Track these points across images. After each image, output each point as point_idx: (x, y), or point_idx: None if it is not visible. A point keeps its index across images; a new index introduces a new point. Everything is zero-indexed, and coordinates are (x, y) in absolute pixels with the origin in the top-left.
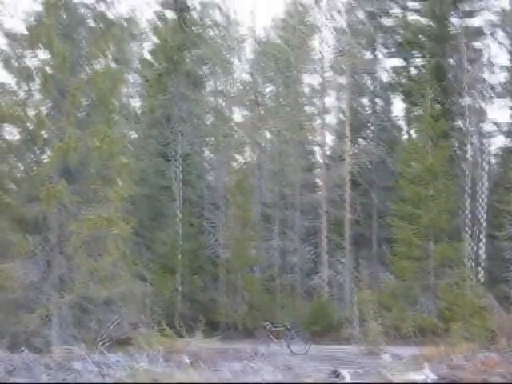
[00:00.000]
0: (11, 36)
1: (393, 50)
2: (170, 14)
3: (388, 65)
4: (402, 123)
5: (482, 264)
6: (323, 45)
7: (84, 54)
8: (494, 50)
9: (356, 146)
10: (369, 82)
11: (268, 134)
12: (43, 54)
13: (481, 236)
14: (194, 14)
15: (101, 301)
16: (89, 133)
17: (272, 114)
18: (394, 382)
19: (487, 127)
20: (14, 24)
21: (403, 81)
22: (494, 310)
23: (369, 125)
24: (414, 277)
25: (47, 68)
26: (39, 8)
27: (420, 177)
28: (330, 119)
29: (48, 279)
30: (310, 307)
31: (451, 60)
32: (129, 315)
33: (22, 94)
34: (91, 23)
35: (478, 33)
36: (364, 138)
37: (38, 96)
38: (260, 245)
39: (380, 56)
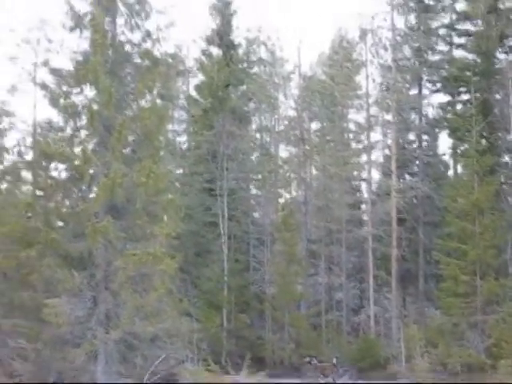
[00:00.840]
0: (58, 73)
1: (439, 85)
2: (216, 51)
3: (434, 100)
4: (448, 158)
5: None
6: (369, 81)
7: (130, 91)
8: None
9: (402, 181)
10: (415, 117)
11: (314, 170)
12: (89, 91)
13: None
14: (240, 51)
15: (147, 337)
16: (135, 169)
17: (318, 149)
18: None
19: None
20: (61, 61)
21: (449, 116)
22: None
23: (415, 160)
24: (460, 313)
25: (93, 105)
26: (86, 45)
27: (466, 212)
28: (376, 155)
29: (94, 315)
30: (357, 343)
31: (497, 95)
32: (175, 351)
33: (68, 131)
34: (137, 60)
35: None
36: (410, 174)
37: (84, 133)
38: (306, 281)
39: (426, 92)
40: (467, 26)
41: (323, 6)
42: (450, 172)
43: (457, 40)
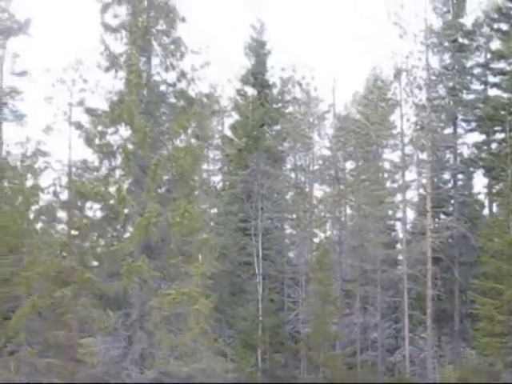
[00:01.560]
0: (93, 113)
1: (473, 124)
2: (251, 91)
3: (469, 139)
4: (483, 198)
5: None
6: (403, 120)
7: (165, 131)
8: None
9: (437, 221)
10: (450, 156)
11: (348, 210)
12: (125, 131)
13: None
14: (274, 90)
15: (181, 377)
16: (169, 208)
17: (352, 189)
18: None
19: None
20: (96, 101)
21: (484, 155)
22: None
23: (450, 200)
24: (496, 353)
25: (128, 144)
26: (121, 85)
27: (502, 251)
28: (411, 194)
29: (129, 354)
30: None
31: None
32: None
33: (103, 171)
34: (172, 100)
35: None
36: (445, 213)
37: (119, 172)
38: (341, 320)
39: (461, 131)
40: (502, 64)
41: (358, 45)
42: (486, 211)
43: (491, 79)
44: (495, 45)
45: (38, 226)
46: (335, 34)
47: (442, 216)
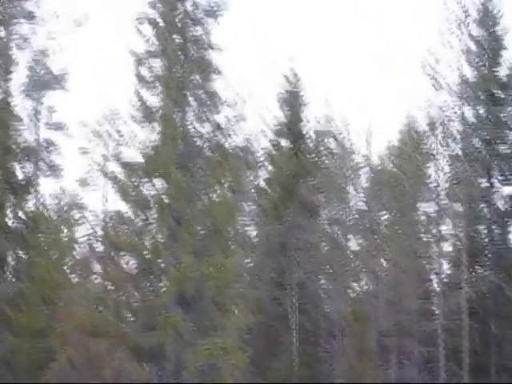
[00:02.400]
0: (128, 166)
1: (509, 177)
2: (285, 143)
3: (505, 192)
4: None
5: None
6: (439, 172)
7: (200, 184)
8: None
9: (473, 273)
10: (485, 208)
11: (384, 262)
12: (160, 184)
13: None
14: (309, 143)
15: None
16: (205, 261)
17: (388, 241)
18: None
19: None
20: (131, 154)
21: None
22: None
23: (486, 252)
24: None
25: (164, 197)
26: (156, 138)
27: None
28: (446, 246)
29: None
30: None
31: None
32: None
33: (138, 223)
34: (207, 153)
35: None
36: (481, 265)
37: (154, 225)
38: (376, 374)
39: (496, 183)
40: None
41: (392, 97)
42: None
43: None
44: None
45: (74, 278)
46: (370, 86)
47: (478, 268)
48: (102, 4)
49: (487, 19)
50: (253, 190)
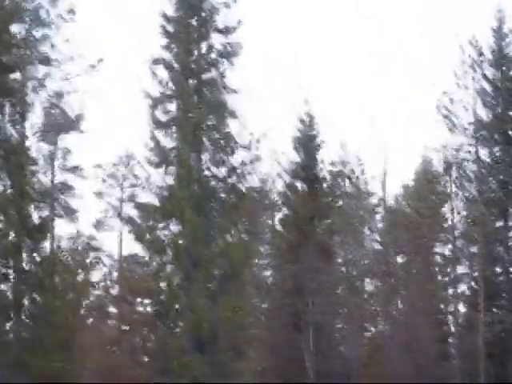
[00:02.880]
0: (143, 208)
1: None
2: (301, 185)
3: None
4: None
5: None
6: (454, 213)
7: (216, 226)
8: None
9: (489, 314)
10: (501, 250)
11: (400, 304)
12: (175, 226)
13: None
14: (324, 185)
15: None
16: (221, 304)
17: (403, 283)
18: None
19: None
20: (146, 196)
21: None
22: None
23: (502, 293)
24: None
25: (179, 240)
26: (171, 181)
27: None
28: (463, 288)
29: None
30: None
31: None
32: None
33: (154, 266)
34: (223, 195)
35: None
36: (497, 307)
37: (170, 267)
38: None
39: None
40: None
41: (406, 139)
42: None
43: None
44: None
45: (89, 321)
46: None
47: (495, 309)
48: (116, 47)
49: (501, 60)
50: (268, 232)
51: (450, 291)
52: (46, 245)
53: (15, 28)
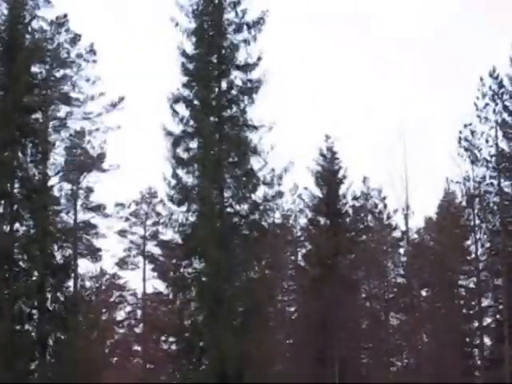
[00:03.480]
0: (167, 246)
1: None
2: (323, 220)
3: None
4: None
5: None
6: (478, 245)
7: (239, 262)
8: None
9: None
10: None
11: (425, 337)
12: (198, 264)
13: None
14: (347, 219)
15: None
16: (245, 340)
17: (428, 316)
18: None
19: None
20: (169, 234)
21: None
22: None
23: None
24: None
25: (203, 277)
26: (194, 218)
27: None
28: (488, 320)
29: None
30: None
31: None
32: None
33: (178, 303)
34: (245, 231)
35: None
36: None
37: (194, 305)
38: None
39: None
40: None
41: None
42: None
43: None
44: None
45: (114, 359)
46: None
47: None
48: (136, 84)
49: None
50: (291, 268)
51: (475, 324)
52: (70, 284)
53: (36, 68)
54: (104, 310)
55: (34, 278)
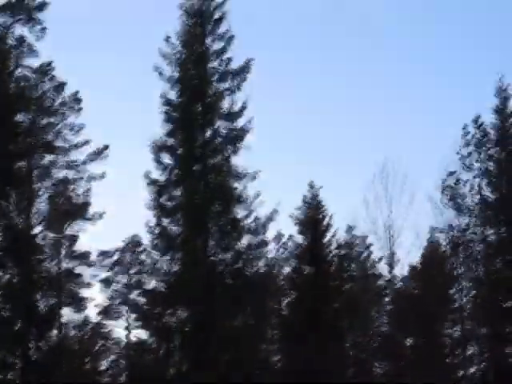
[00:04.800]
0: (150, 295)
1: None
2: (307, 268)
3: None
4: None
5: None
6: (462, 294)
7: (223, 311)
8: None
9: None
10: (510, 330)
11: None
12: (182, 312)
13: None
14: (332, 268)
15: None
16: None
17: (414, 365)
18: None
19: None
20: (153, 283)
21: None
22: None
23: None
24: None
25: (186, 326)
26: (177, 267)
27: None
28: (473, 369)
29: None
30: None
31: None
32: None
33: (162, 353)
34: (229, 280)
35: None
36: None
37: (177, 354)
38: None
39: None
40: None
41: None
42: None
43: None
44: None
45: None
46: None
47: None
48: (120, 132)
49: (506, 139)
50: (276, 317)
51: (460, 373)
52: (54, 333)
53: (20, 116)
54: (87, 360)
55: (17, 327)
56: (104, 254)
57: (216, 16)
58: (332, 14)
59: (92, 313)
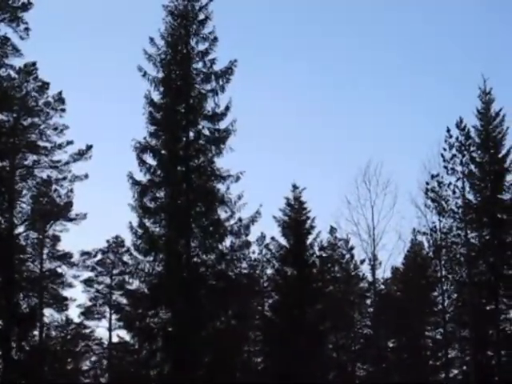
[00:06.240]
0: (133, 296)
1: None
2: (290, 270)
3: (511, 314)
4: None
5: None
6: (445, 297)
7: (205, 313)
8: None
9: None
10: (492, 332)
11: None
12: (164, 313)
13: None
14: (314, 270)
15: None
16: None
17: (395, 367)
18: None
19: None
20: (136, 284)
21: None
22: None
23: (494, 376)
24: None
25: (169, 327)
26: (160, 268)
27: None
28: (454, 371)
29: None
30: None
31: None
32: None
33: (144, 353)
34: (212, 281)
35: None
36: None
37: (159, 355)
38: None
39: (502, 306)
40: None
41: (395, 222)
42: None
43: None
44: None
45: None
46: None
47: None
48: (103, 133)
49: (489, 143)
50: (258, 318)
51: (442, 375)
52: (35, 333)
53: (3, 116)
54: (69, 360)
55: None
56: (86, 255)
57: (200, 17)
58: (317, 13)
59: (74, 313)
